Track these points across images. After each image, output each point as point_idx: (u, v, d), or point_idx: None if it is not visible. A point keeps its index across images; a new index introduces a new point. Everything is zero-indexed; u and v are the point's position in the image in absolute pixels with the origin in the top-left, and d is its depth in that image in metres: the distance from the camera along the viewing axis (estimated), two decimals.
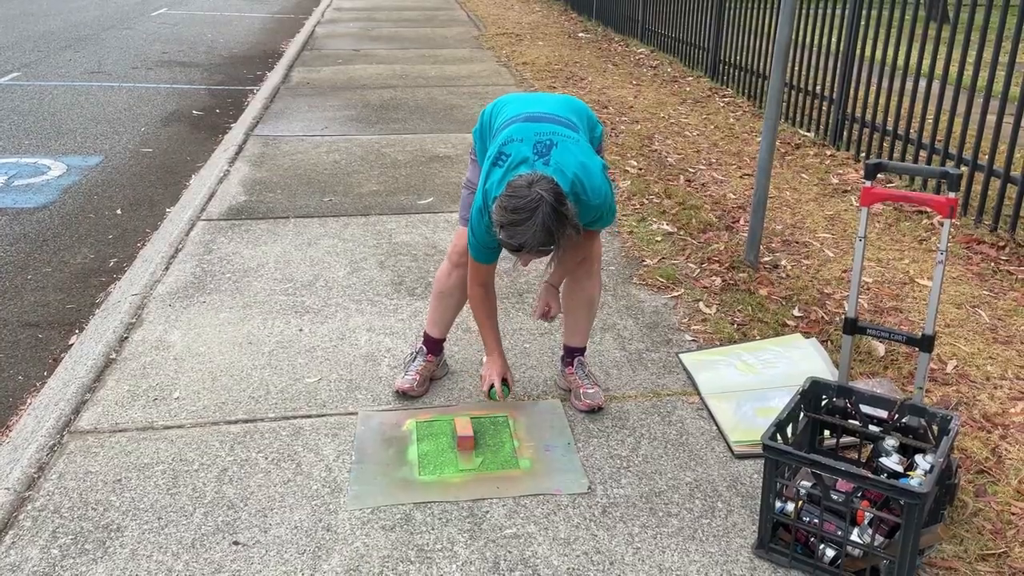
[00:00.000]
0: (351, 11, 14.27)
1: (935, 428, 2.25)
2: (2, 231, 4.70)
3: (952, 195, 2.13)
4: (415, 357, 2.98)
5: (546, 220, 2.21)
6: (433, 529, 2.31)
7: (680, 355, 3.19)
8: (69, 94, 8.08)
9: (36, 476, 2.51)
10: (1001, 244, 4.22)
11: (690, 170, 5.49)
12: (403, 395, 2.91)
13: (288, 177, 5.29)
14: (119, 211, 5.06)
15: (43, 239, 4.61)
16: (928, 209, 4.71)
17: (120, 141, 6.52)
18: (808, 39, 6.25)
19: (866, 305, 3.61)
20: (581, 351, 2.94)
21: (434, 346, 2.98)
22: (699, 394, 2.95)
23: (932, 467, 2.05)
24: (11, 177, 5.60)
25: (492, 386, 2.74)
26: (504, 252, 2.50)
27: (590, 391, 2.85)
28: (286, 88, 7.94)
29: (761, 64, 7.07)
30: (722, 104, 7.34)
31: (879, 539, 2.07)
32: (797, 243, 4.29)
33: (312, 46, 10.43)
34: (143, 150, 6.31)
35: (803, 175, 5.39)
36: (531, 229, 2.21)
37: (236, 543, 2.25)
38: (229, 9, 15.15)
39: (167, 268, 3.95)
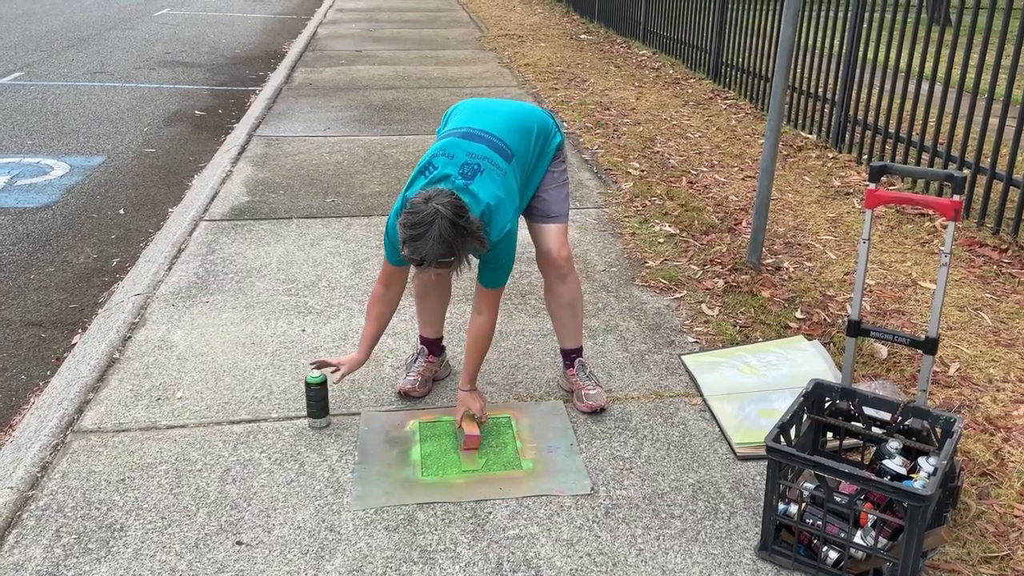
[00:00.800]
0: (353, 12, 14.28)
1: (938, 430, 2.25)
2: (5, 231, 4.70)
3: (956, 198, 2.13)
4: (416, 358, 2.99)
5: (443, 233, 2.22)
6: (436, 530, 2.31)
7: (682, 357, 3.20)
8: (72, 94, 8.08)
9: (40, 475, 2.52)
10: (1003, 247, 4.22)
11: (692, 172, 5.49)
12: (405, 396, 2.91)
13: (291, 177, 5.29)
14: (122, 211, 5.06)
15: (46, 239, 4.62)
16: (930, 212, 4.71)
17: (123, 141, 6.53)
18: (810, 41, 6.25)
19: (869, 307, 3.61)
20: (578, 351, 2.94)
21: (432, 346, 2.98)
22: (701, 396, 2.95)
23: (935, 469, 2.05)
24: (14, 177, 5.61)
25: (319, 368, 2.72)
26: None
27: (592, 392, 2.85)
28: (288, 89, 7.95)
29: (763, 66, 7.07)
30: (724, 106, 7.34)
31: (882, 541, 2.07)
32: (799, 245, 4.29)
33: (314, 47, 10.44)
34: (146, 150, 6.32)
35: (805, 177, 5.39)
36: (428, 243, 2.22)
37: (239, 543, 2.25)
38: (231, 10, 15.16)
39: (170, 268, 3.96)
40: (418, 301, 2.93)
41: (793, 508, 2.18)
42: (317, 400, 2.71)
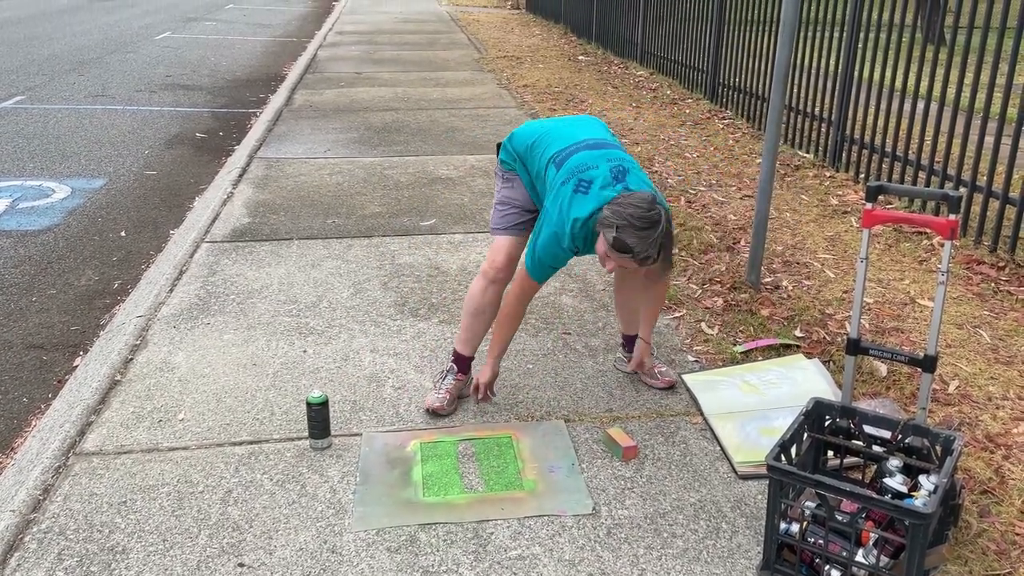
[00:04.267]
0: (353, 35, 14.39)
1: (938, 448, 2.25)
2: (7, 253, 4.72)
3: (953, 217, 2.15)
4: (445, 376, 3.00)
5: (661, 238, 2.46)
6: (438, 551, 2.31)
7: (683, 375, 3.20)
8: (73, 117, 8.14)
9: (41, 498, 2.52)
10: (1001, 264, 4.24)
11: (690, 191, 5.52)
12: (433, 414, 2.92)
13: (291, 199, 5.32)
14: (123, 233, 5.09)
15: (48, 261, 4.64)
16: (928, 231, 4.73)
17: (124, 164, 6.57)
18: (806, 61, 6.31)
19: (867, 325, 3.63)
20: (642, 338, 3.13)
21: (464, 364, 3.01)
22: (702, 415, 2.96)
23: (936, 487, 2.06)
24: (16, 200, 5.63)
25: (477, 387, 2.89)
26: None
27: (663, 369, 3.15)
28: (289, 111, 8.01)
29: (760, 86, 7.13)
30: (721, 126, 7.39)
31: (884, 560, 2.07)
32: (798, 264, 4.32)
33: (314, 69, 10.52)
34: (147, 173, 6.35)
35: (803, 196, 5.42)
36: (649, 241, 2.44)
37: (241, 565, 2.25)
38: (232, 33, 15.28)
39: (171, 290, 3.97)
40: (473, 316, 2.94)
41: (795, 527, 2.18)
42: (319, 421, 2.72)
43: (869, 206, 2.28)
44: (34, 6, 19.41)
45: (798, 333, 3.55)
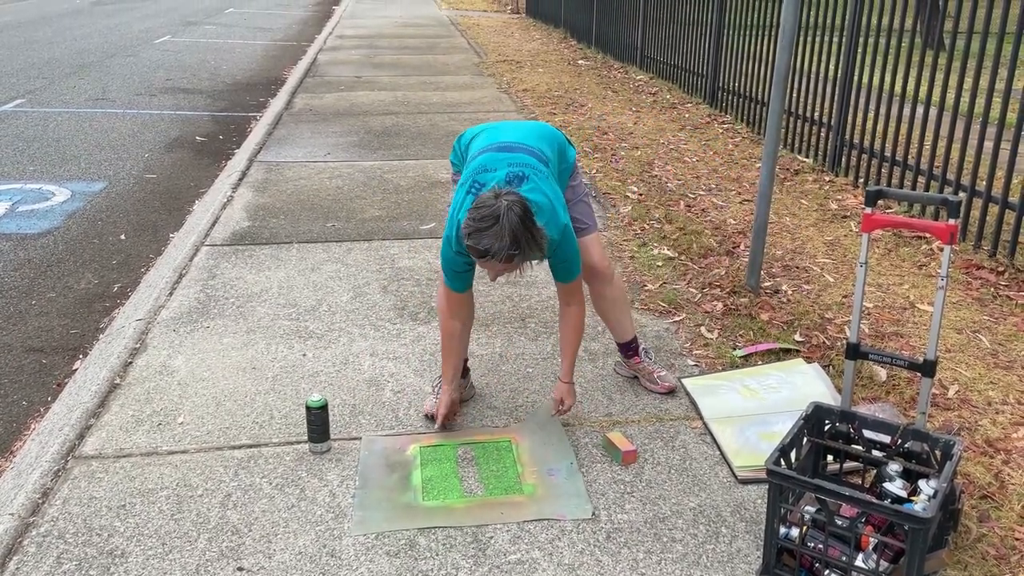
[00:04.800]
0: (353, 39, 14.41)
1: (938, 453, 2.25)
2: (7, 257, 4.72)
3: (952, 221, 2.15)
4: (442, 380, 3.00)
5: (513, 227, 2.28)
6: (437, 555, 2.30)
7: (683, 380, 3.20)
8: (73, 121, 8.14)
9: (40, 502, 2.52)
10: (1000, 269, 4.25)
11: (690, 195, 5.53)
12: (433, 419, 2.91)
13: (291, 203, 5.32)
14: (123, 237, 5.09)
15: (47, 264, 4.64)
16: (927, 235, 4.74)
17: (124, 167, 6.57)
18: (806, 66, 6.31)
19: (867, 330, 3.63)
20: (635, 340, 3.12)
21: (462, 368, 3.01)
22: (702, 419, 2.96)
23: (936, 492, 2.06)
24: (16, 203, 5.64)
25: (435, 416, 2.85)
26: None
27: (663, 373, 3.13)
28: (289, 114, 8.01)
29: (759, 91, 7.13)
30: (721, 130, 7.40)
31: (884, 565, 2.07)
32: (797, 268, 4.32)
33: (315, 73, 10.53)
34: (147, 176, 6.36)
35: (802, 201, 5.43)
36: (498, 235, 2.28)
37: (240, 569, 2.24)
38: (232, 37, 15.30)
39: (171, 293, 3.97)
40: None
41: (794, 531, 2.18)
42: (318, 424, 2.72)
43: (869, 210, 2.28)
44: (34, 10, 19.43)
45: (798, 337, 3.55)
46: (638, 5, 10.44)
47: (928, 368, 2.24)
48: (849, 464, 2.50)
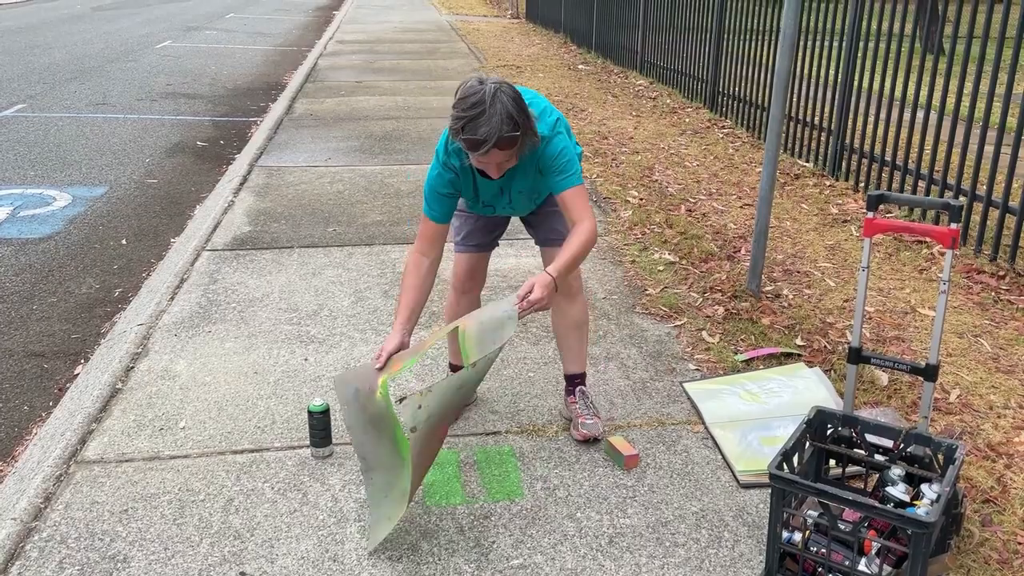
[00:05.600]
0: (353, 44, 14.43)
1: (940, 457, 2.25)
2: (8, 261, 4.72)
3: (954, 226, 2.16)
4: None
5: (505, 106, 2.19)
6: (440, 560, 2.30)
7: (684, 384, 3.21)
8: (74, 125, 8.15)
9: (43, 506, 2.51)
10: (1001, 274, 4.25)
11: (691, 200, 5.53)
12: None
13: (292, 207, 5.33)
14: (124, 241, 5.09)
15: (48, 269, 4.64)
16: (928, 239, 4.74)
17: (125, 172, 6.57)
18: (806, 71, 6.32)
19: (868, 334, 3.63)
20: (581, 377, 2.93)
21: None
22: (704, 423, 2.96)
23: (938, 496, 2.06)
24: (17, 207, 5.64)
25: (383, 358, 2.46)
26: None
27: (588, 422, 2.82)
28: (290, 119, 8.02)
29: (760, 96, 7.15)
30: (721, 135, 7.41)
31: (887, 569, 2.07)
32: (798, 272, 4.32)
33: (315, 78, 10.54)
34: (148, 181, 6.36)
35: (803, 205, 5.43)
36: (493, 117, 2.17)
37: (243, 573, 2.24)
38: (232, 42, 15.32)
39: (172, 298, 3.97)
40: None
41: (797, 536, 2.18)
42: (320, 429, 2.72)
43: (870, 215, 2.28)
44: (35, 15, 19.46)
45: (799, 342, 3.55)
46: (638, 10, 10.46)
47: (930, 372, 2.25)
48: (851, 469, 2.50)
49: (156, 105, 9.24)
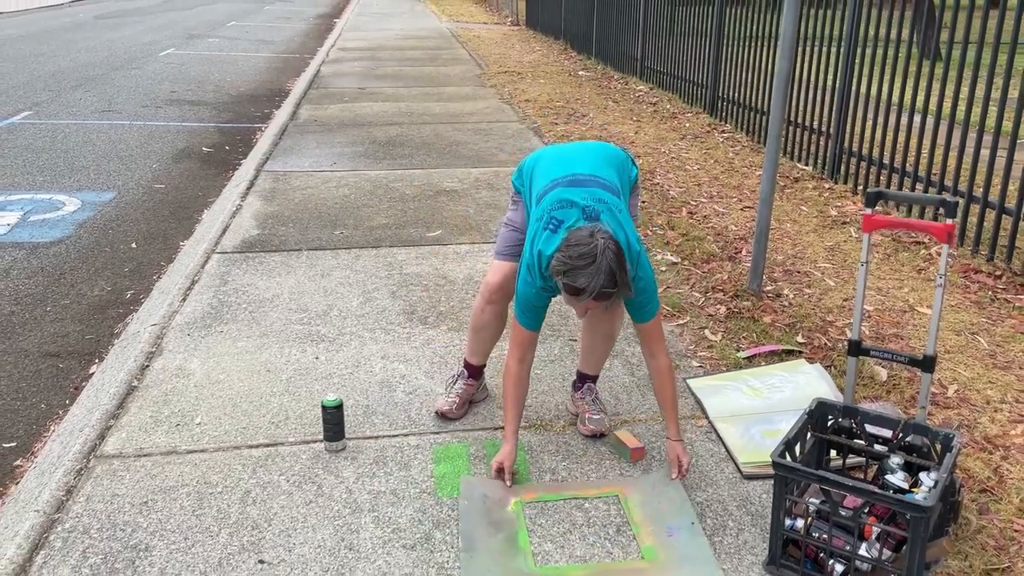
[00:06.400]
0: (355, 51, 14.53)
1: (938, 446, 2.32)
2: (21, 265, 4.80)
3: (950, 221, 2.23)
4: (456, 380, 3.07)
5: (610, 264, 2.31)
6: (452, 548, 2.37)
7: (688, 380, 3.28)
8: (81, 132, 8.23)
9: (64, 499, 2.58)
10: (998, 273, 4.33)
11: (692, 203, 5.61)
12: (443, 417, 2.99)
13: (299, 211, 5.41)
14: (134, 245, 5.17)
15: (60, 272, 4.71)
16: (926, 240, 4.82)
17: (132, 177, 6.65)
18: (805, 76, 6.41)
19: (868, 332, 3.70)
20: (593, 379, 3.04)
21: (474, 371, 3.07)
22: (707, 418, 3.03)
23: (936, 483, 2.13)
24: (27, 212, 5.72)
25: (499, 469, 2.65)
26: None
27: (595, 417, 2.93)
28: (294, 125, 8.11)
29: (759, 100, 7.23)
30: (721, 139, 7.50)
31: (887, 553, 2.14)
32: (799, 273, 4.39)
33: (318, 85, 10.64)
34: (155, 186, 6.44)
35: (803, 207, 5.51)
36: (595, 274, 2.30)
37: (262, 562, 2.31)
38: (235, 49, 15.43)
39: (184, 299, 4.04)
40: (475, 332, 2.98)
41: (800, 523, 2.25)
42: (334, 423, 2.79)
43: (869, 211, 2.36)
44: (37, 23, 19.58)
45: (800, 339, 3.63)
46: (638, 16, 10.57)
47: (928, 364, 2.32)
48: (852, 460, 2.57)
49: (161, 112, 9.33)
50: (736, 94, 7.71)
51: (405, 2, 29.51)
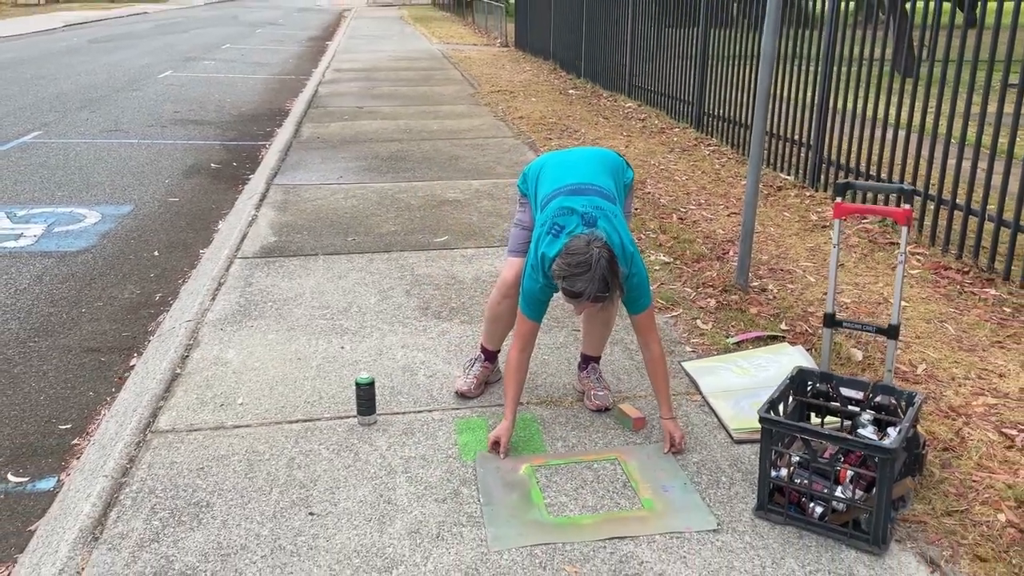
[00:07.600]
0: (349, 72, 14.91)
1: (903, 404, 2.66)
2: (52, 271, 5.09)
3: (907, 207, 2.58)
4: (474, 363, 3.39)
5: (604, 272, 2.62)
6: (477, 501, 2.67)
7: (683, 363, 3.61)
8: (92, 150, 8.54)
9: (128, 466, 2.88)
10: (965, 270, 4.69)
11: (681, 210, 5.97)
12: (462, 396, 3.31)
13: (312, 220, 5.73)
14: (156, 253, 5.47)
15: (90, 278, 5.01)
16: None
17: (147, 191, 6.96)
18: (786, 92, 6.81)
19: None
20: (596, 360, 3.37)
21: (490, 355, 3.39)
22: (701, 393, 3.36)
23: (900, 430, 2.46)
24: (51, 224, 6.01)
25: (496, 442, 2.94)
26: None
27: (600, 393, 3.27)
28: (298, 142, 8.44)
29: (743, 115, 7.63)
30: (707, 152, 7.88)
31: (859, 493, 2.47)
32: (782, 271, 4.75)
33: (317, 104, 10.99)
34: (170, 199, 6.75)
35: (785, 213, 5.88)
36: (590, 280, 2.61)
37: (312, 514, 2.61)
38: (232, 71, 15.78)
39: (213, 299, 4.35)
40: (491, 321, 3.30)
41: (784, 472, 2.57)
42: (366, 399, 3.10)
43: (839, 200, 2.71)
44: (34, 48, 19.90)
45: (783, 326, 3.97)
46: (625, 37, 11.00)
47: (892, 331, 2.66)
48: (829, 420, 2.90)
49: (167, 131, 9.64)
50: (721, 110, 8.11)
51: (395, 24, 30.01)
